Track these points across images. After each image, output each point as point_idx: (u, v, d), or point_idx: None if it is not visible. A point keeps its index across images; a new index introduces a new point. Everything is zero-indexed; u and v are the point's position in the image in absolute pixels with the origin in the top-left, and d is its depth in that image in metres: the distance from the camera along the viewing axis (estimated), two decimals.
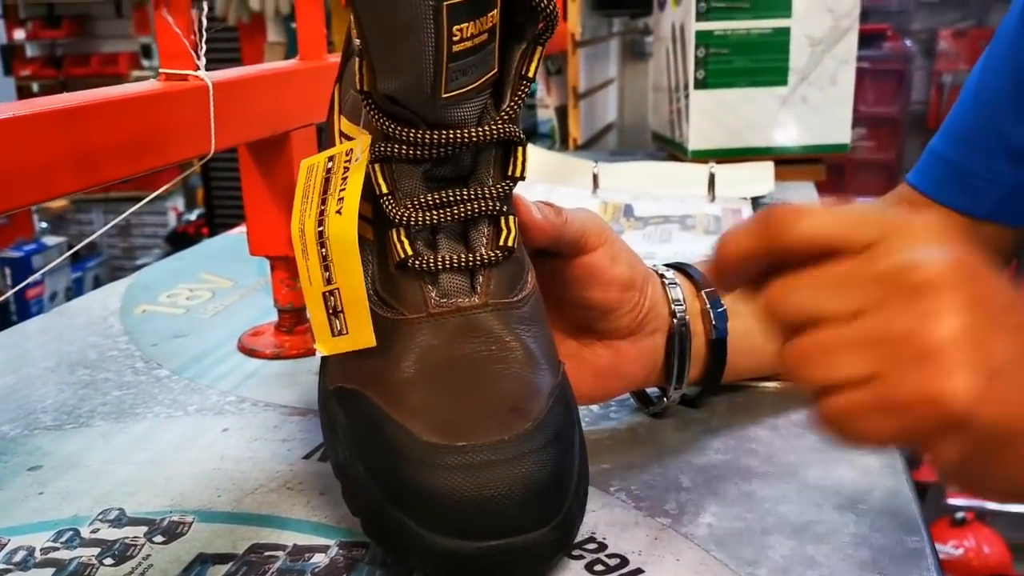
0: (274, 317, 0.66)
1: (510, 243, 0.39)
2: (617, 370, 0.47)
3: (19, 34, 3.82)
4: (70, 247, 3.43)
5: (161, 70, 0.50)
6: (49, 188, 0.39)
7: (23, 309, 2.85)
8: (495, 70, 0.37)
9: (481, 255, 0.38)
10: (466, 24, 0.34)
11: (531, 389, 0.37)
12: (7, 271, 2.93)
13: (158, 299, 0.75)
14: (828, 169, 1.14)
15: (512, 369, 0.37)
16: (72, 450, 0.49)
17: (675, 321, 0.47)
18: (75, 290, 3.38)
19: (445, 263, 0.38)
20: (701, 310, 0.48)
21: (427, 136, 0.37)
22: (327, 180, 0.39)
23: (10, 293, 0.52)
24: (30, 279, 0.86)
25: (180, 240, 3.69)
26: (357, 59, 0.38)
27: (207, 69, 0.50)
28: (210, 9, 0.45)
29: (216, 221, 2.87)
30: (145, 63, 3.90)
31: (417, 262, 0.38)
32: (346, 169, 0.38)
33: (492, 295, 0.38)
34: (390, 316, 0.38)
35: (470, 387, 0.36)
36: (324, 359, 0.41)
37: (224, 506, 0.43)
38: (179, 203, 4.02)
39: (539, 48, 0.38)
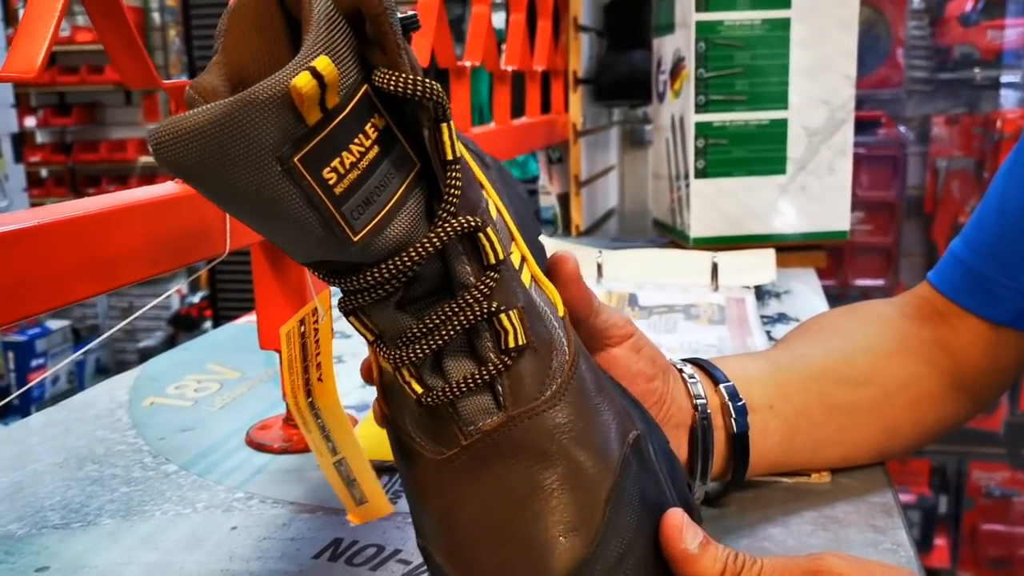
0: (282, 409, 0.66)
1: (513, 343, 0.34)
2: None
3: (30, 121, 3.90)
4: (73, 331, 3.44)
5: None
6: (65, 295, 0.40)
7: (25, 393, 2.83)
8: (416, 166, 0.33)
9: (492, 364, 0.34)
10: (336, 160, 0.30)
11: (582, 504, 0.33)
12: (10, 355, 2.93)
13: (165, 391, 0.75)
14: (828, 254, 1.15)
15: (555, 494, 0.33)
16: (80, 550, 0.49)
17: (697, 415, 0.47)
18: (77, 373, 3.38)
19: (457, 389, 0.34)
20: (720, 404, 0.48)
21: (375, 274, 0.32)
22: (303, 346, 0.37)
23: (16, 395, 0.52)
24: (40, 376, 0.86)
25: (183, 322, 3.70)
26: None
27: None
28: None
29: (220, 304, 2.88)
30: None
31: (430, 398, 0.35)
32: (316, 331, 0.36)
33: (517, 404, 0.35)
34: (435, 456, 0.35)
35: (514, 531, 0.33)
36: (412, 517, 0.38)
37: None
38: (183, 285, 4.04)
39: (444, 126, 0.32)
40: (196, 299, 3.86)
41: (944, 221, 2.07)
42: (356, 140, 0.30)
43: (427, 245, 0.32)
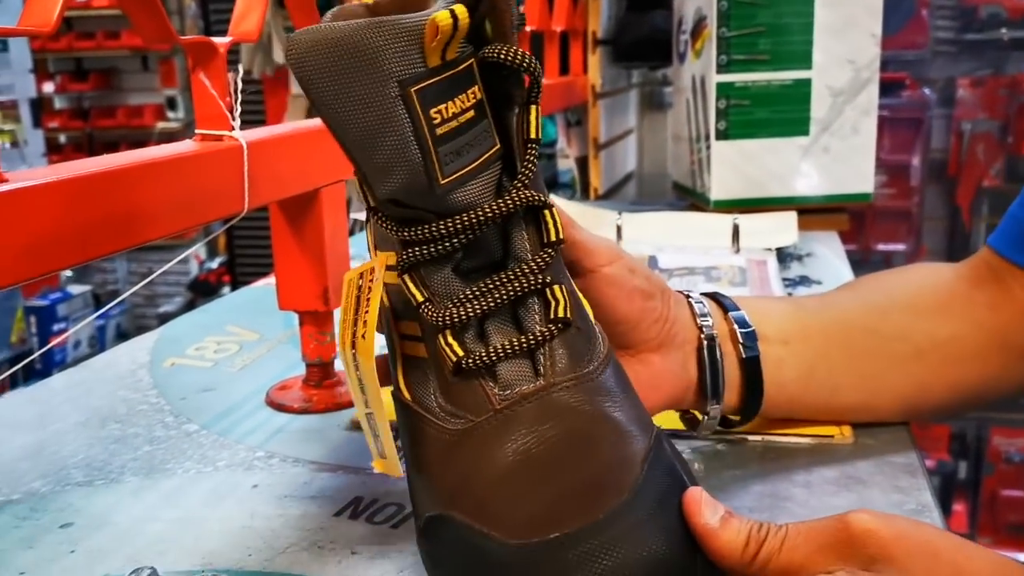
0: (301, 370, 0.66)
1: (562, 313, 0.36)
2: (654, 383, 0.47)
3: (48, 87, 3.91)
4: (94, 296, 3.47)
5: (197, 131, 0.51)
6: (87, 250, 0.40)
7: (47, 357, 2.87)
8: (496, 146, 0.36)
9: (535, 333, 0.36)
10: (443, 105, 0.33)
11: (620, 459, 0.34)
12: (32, 319, 2.96)
13: (185, 352, 0.76)
14: (850, 218, 1.14)
15: (595, 443, 0.34)
16: (103, 507, 0.49)
17: (702, 334, 0.48)
18: (98, 338, 3.41)
19: (500, 353, 0.35)
20: (729, 331, 0.49)
21: (442, 227, 0.35)
22: (358, 299, 0.38)
23: (36, 355, 0.52)
24: (57, 340, 0.86)
25: (202, 288, 3.73)
26: (356, 175, 0.37)
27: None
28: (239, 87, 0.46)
29: (238, 269, 2.90)
30: (170, 115, 3.98)
31: (471, 360, 0.35)
32: (370, 289, 0.37)
33: (558, 373, 0.36)
34: (459, 427, 0.36)
35: (551, 475, 0.33)
36: (411, 498, 0.39)
37: (255, 565, 0.43)
38: (201, 251, 4.06)
39: (533, 108, 0.36)
40: (214, 264, 3.88)
41: (968, 185, 2.04)
42: (460, 97, 0.34)
43: (498, 207, 0.35)
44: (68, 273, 3.53)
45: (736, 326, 0.49)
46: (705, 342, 0.48)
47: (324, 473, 0.52)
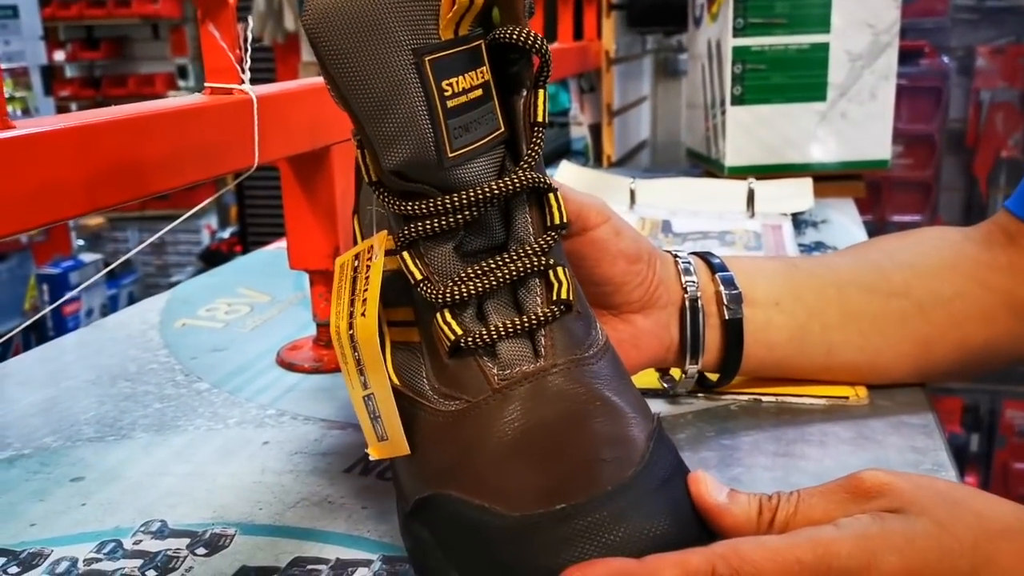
0: (312, 331, 0.66)
1: (565, 296, 0.36)
2: (635, 343, 0.48)
3: (59, 55, 3.90)
4: (106, 264, 3.48)
5: (207, 84, 0.50)
6: (95, 199, 0.39)
7: (60, 325, 2.88)
8: (501, 129, 0.36)
9: (536, 314, 0.35)
10: (455, 78, 0.33)
11: (625, 436, 0.33)
12: (45, 287, 2.97)
13: (196, 313, 0.76)
14: (866, 187, 1.12)
15: (597, 423, 0.33)
16: (114, 462, 0.49)
17: (686, 296, 0.49)
18: (111, 307, 3.42)
19: (500, 332, 0.35)
20: (715, 293, 0.49)
21: (446, 202, 0.35)
22: (354, 279, 0.37)
23: (47, 309, 0.52)
24: (67, 296, 0.87)
25: (213, 258, 3.73)
26: (359, 151, 0.36)
27: None
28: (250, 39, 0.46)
29: (249, 239, 2.89)
30: (181, 84, 3.96)
31: (470, 339, 0.35)
32: (368, 268, 0.36)
33: (559, 354, 0.35)
34: (454, 408, 0.35)
35: (554, 450, 0.32)
36: (396, 484, 0.38)
37: (266, 519, 0.43)
38: (212, 221, 4.06)
39: (541, 92, 0.36)
40: (226, 235, 3.88)
41: (986, 155, 2.02)
42: (470, 73, 0.34)
43: (503, 185, 0.35)
44: (80, 242, 3.54)
45: (722, 287, 0.49)
46: (688, 303, 0.49)
47: (335, 430, 0.52)
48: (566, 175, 1.04)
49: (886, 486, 0.31)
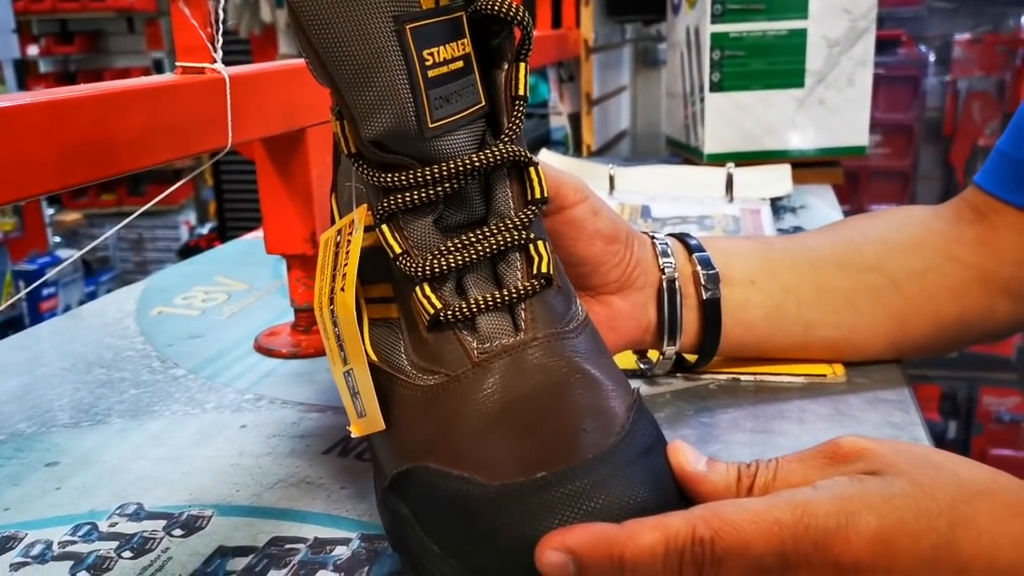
0: (290, 318, 0.65)
1: (545, 269, 0.35)
2: (612, 324, 0.48)
3: (32, 50, 3.85)
4: (84, 261, 3.45)
5: (178, 63, 0.50)
6: (64, 177, 0.39)
7: (37, 322, 2.85)
8: (481, 103, 0.35)
9: (516, 288, 0.35)
10: (436, 48, 0.33)
11: (605, 408, 0.33)
12: (21, 284, 2.94)
13: (173, 301, 0.75)
14: (844, 175, 1.13)
15: (577, 395, 0.33)
16: (89, 447, 0.49)
17: (664, 276, 0.49)
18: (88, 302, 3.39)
19: (480, 305, 0.35)
20: (692, 273, 0.50)
21: (425, 174, 0.34)
22: (336, 255, 0.37)
23: (21, 295, 0.51)
24: (43, 279, 0.86)
25: (192, 254, 3.70)
26: (338, 123, 0.36)
27: None
28: (224, 21, 0.45)
29: (228, 235, 2.88)
30: None
31: (449, 313, 0.34)
32: (348, 243, 0.36)
33: (539, 328, 0.35)
34: (433, 382, 0.35)
35: (535, 422, 0.32)
36: (374, 461, 0.38)
37: (243, 500, 0.42)
38: (191, 217, 4.03)
39: (522, 64, 0.36)
40: (205, 230, 3.86)
41: (963, 144, 2.03)
42: (452, 44, 0.34)
43: (484, 158, 0.35)
44: (57, 239, 3.51)
45: (699, 267, 0.49)
46: (665, 284, 0.49)
47: (313, 413, 0.52)
48: (546, 162, 1.03)
49: (864, 450, 0.31)
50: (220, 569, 0.37)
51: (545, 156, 1.08)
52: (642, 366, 0.53)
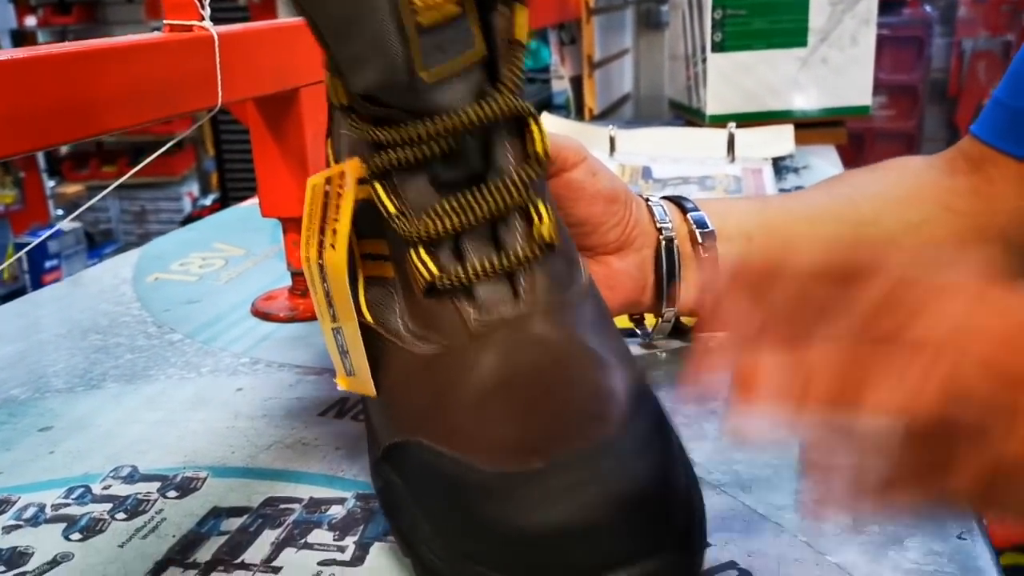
0: (287, 282, 0.65)
1: (546, 233, 0.33)
2: (610, 284, 0.48)
3: (30, 20, 3.82)
4: (87, 233, 3.45)
5: (165, 21, 0.49)
6: (47, 135, 0.38)
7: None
8: (480, 51, 0.33)
9: (516, 253, 0.33)
10: None
11: (607, 389, 0.31)
12: (23, 256, 2.94)
13: (170, 268, 0.74)
14: (847, 138, 1.11)
15: (579, 374, 0.32)
16: (83, 411, 0.48)
17: (661, 237, 0.48)
18: None
19: (478, 272, 0.33)
20: (688, 232, 0.49)
21: (420, 127, 0.32)
22: (325, 205, 0.35)
23: (16, 256, 0.51)
24: (42, 236, 0.85)
25: None
26: (328, 73, 0.34)
27: None
28: None
29: (231, 205, 2.87)
30: None
31: (446, 279, 0.33)
32: (339, 195, 0.34)
33: (540, 298, 0.33)
34: (429, 351, 0.33)
35: (533, 404, 0.31)
36: (368, 427, 0.37)
37: (238, 462, 0.42)
38: (194, 189, 4.02)
39: (520, 6, 0.33)
40: (207, 202, 3.85)
41: (968, 105, 2.01)
42: None
43: (481, 110, 0.32)
44: (59, 211, 3.50)
45: (695, 226, 0.49)
46: (663, 243, 0.48)
47: (310, 376, 0.51)
48: (547, 126, 1.02)
49: None
50: (214, 529, 0.37)
51: (547, 120, 1.06)
52: (639, 332, 0.52)
